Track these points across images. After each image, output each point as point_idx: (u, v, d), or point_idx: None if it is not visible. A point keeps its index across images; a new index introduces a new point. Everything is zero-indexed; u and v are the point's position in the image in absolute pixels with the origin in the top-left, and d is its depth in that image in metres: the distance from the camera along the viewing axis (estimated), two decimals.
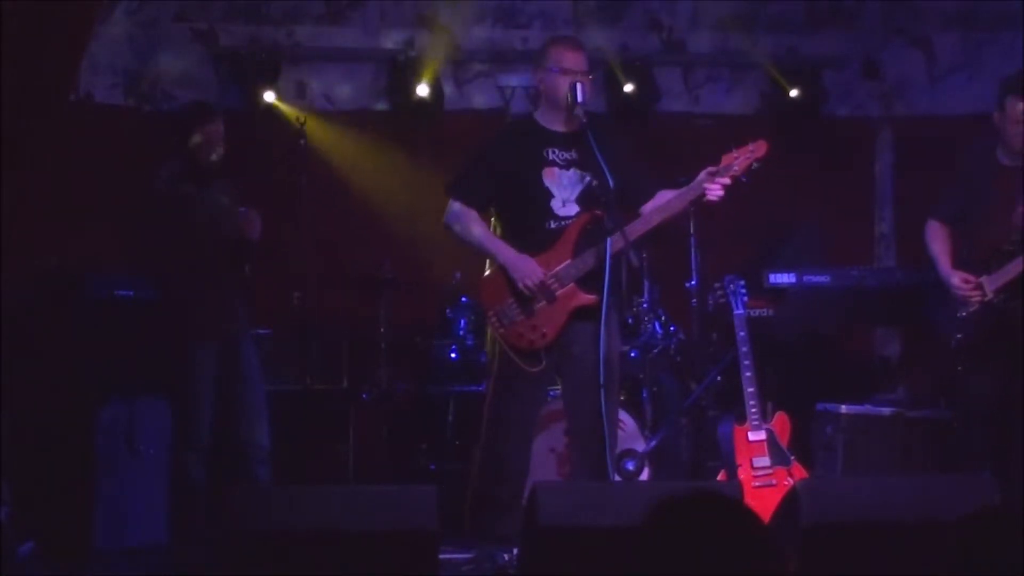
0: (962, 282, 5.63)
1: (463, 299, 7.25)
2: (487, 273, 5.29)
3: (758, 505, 5.36)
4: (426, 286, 7.41)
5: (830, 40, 8.61)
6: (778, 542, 2.09)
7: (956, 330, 5.65)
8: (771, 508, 4.50)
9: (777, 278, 6.99)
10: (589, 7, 8.38)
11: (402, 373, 7.55)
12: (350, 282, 7.58)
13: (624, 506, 4.01)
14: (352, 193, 8.10)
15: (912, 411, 6.58)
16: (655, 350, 6.89)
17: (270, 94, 7.93)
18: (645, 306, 6.83)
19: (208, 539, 4.60)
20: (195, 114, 5.73)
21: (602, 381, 5.00)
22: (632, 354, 6.76)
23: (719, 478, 5.98)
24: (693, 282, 6.70)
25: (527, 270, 5.13)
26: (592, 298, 5.12)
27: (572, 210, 5.19)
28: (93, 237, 7.31)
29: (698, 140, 7.85)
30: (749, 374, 5.91)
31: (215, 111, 5.75)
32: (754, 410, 5.87)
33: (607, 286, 5.03)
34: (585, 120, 5.14)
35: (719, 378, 6.71)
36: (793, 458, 5.86)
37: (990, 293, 5.58)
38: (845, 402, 6.70)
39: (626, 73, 8.23)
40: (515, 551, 4.88)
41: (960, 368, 5.69)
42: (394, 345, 7.38)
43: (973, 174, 5.76)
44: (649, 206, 5.25)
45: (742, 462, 5.83)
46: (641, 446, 6.47)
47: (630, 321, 6.81)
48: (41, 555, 5.72)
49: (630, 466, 6.37)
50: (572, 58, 5.25)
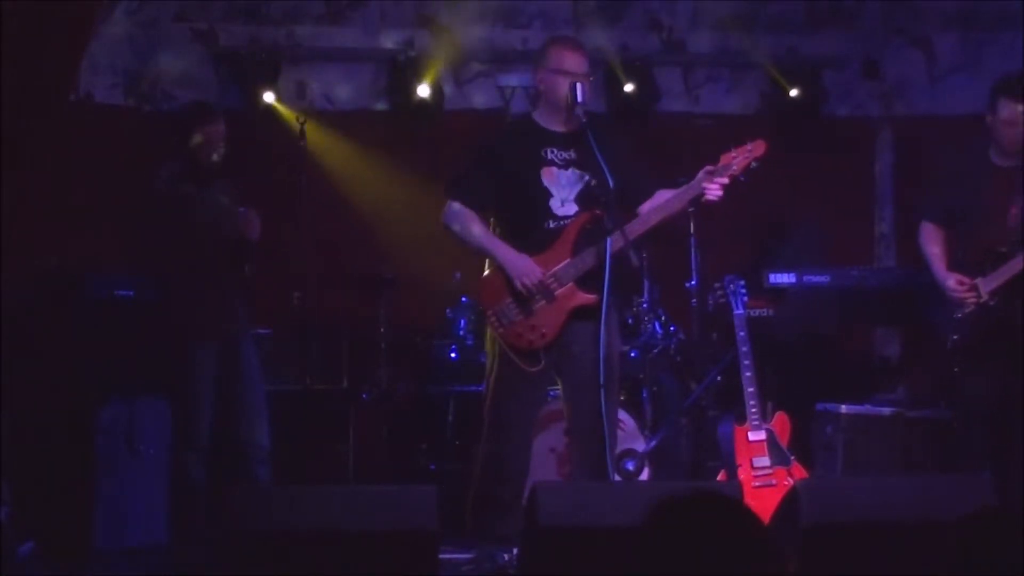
0: (957, 284, 5.63)
1: (463, 299, 7.25)
2: (486, 273, 5.29)
3: (758, 505, 5.36)
4: (426, 286, 7.40)
5: (830, 40, 8.60)
6: (778, 542, 2.09)
7: (952, 331, 5.65)
8: (771, 508, 4.50)
9: (777, 278, 6.99)
10: (589, 7, 8.38)
11: (402, 373, 7.54)
12: (350, 282, 7.57)
13: (624, 506, 4.01)
14: (352, 193, 8.10)
15: (912, 411, 6.58)
16: (655, 350, 6.89)
17: (270, 94, 7.93)
18: (645, 306, 6.82)
19: (208, 539, 4.60)
20: (196, 114, 5.73)
21: (602, 381, 5.00)
22: (632, 354, 6.76)
23: (719, 478, 5.98)
24: (693, 282, 6.71)
25: (525, 269, 5.12)
26: (591, 298, 5.11)
27: (571, 210, 5.19)
28: (93, 237, 7.31)
29: (698, 140, 7.85)
30: (749, 374, 5.91)
31: (216, 111, 5.75)
32: (754, 410, 5.87)
33: (607, 285, 5.02)
34: (585, 120, 5.14)
35: (719, 378, 6.71)
36: (793, 458, 5.86)
37: (985, 295, 5.57)
38: (845, 402, 6.69)
39: (626, 73, 8.22)
40: (515, 551, 4.88)
41: (956, 369, 5.70)
42: (394, 345, 7.38)
43: (967, 175, 5.76)
44: (648, 205, 5.24)
45: (742, 462, 5.83)
46: (641, 446, 6.47)
47: (630, 321, 6.81)
48: (41, 555, 5.72)
49: (630, 466, 6.37)
50: (573, 60, 5.24)
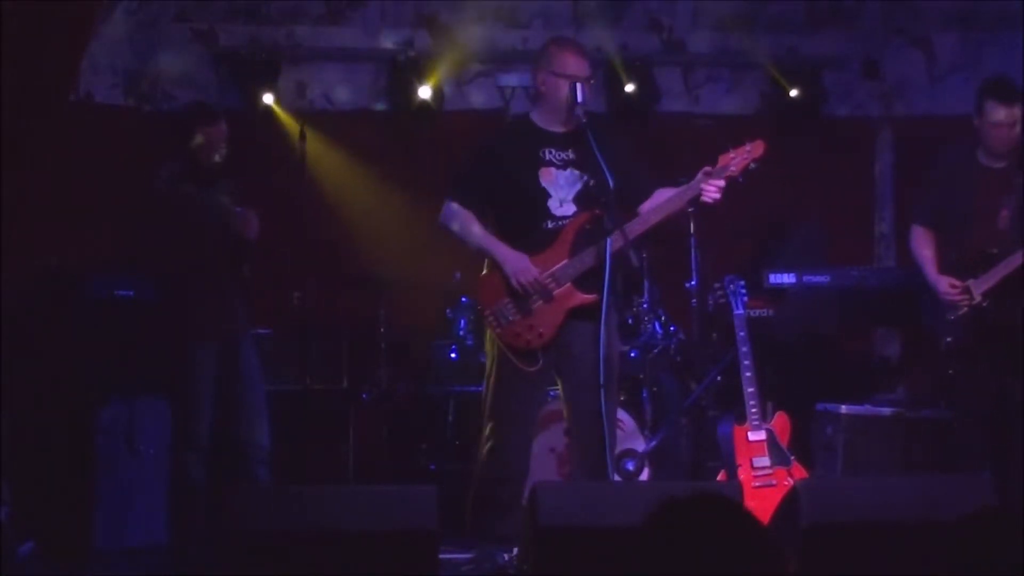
0: (950, 287, 5.65)
1: (463, 299, 7.25)
2: (484, 272, 5.29)
3: (758, 505, 5.36)
4: (426, 286, 7.40)
5: (830, 40, 8.60)
6: (778, 542, 2.09)
7: (946, 333, 5.67)
8: (771, 508, 4.50)
9: (777, 278, 6.99)
10: (589, 7, 8.38)
11: (402, 373, 7.55)
12: (350, 282, 7.57)
13: (624, 506, 4.01)
14: (352, 193, 8.10)
15: (912, 411, 6.58)
16: (655, 350, 6.89)
17: (269, 96, 7.93)
18: (645, 306, 6.82)
19: (208, 539, 4.61)
20: (197, 115, 5.73)
21: (602, 381, 5.00)
22: (632, 354, 6.76)
23: (719, 478, 5.97)
24: (693, 282, 6.71)
25: (521, 268, 5.12)
26: (590, 298, 5.11)
27: (569, 210, 5.18)
28: (93, 237, 7.31)
29: (698, 140, 7.85)
30: (749, 374, 5.90)
31: (217, 112, 5.75)
32: (754, 410, 5.87)
33: (607, 285, 5.02)
34: (585, 120, 5.13)
35: (719, 378, 6.71)
36: (793, 458, 5.86)
37: (978, 297, 5.59)
38: (845, 402, 6.69)
39: (626, 73, 8.22)
40: (515, 551, 4.88)
41: (951, 371, 5.71)
42: (394, 345, 7.39)
43: (955, 176, 5.78)
44: (647, 205, 5.24)
45: (742, 462, 5.83)
46: (641, 446, 6.46)
47: (630, 321, 6.81)
48: (41, 555, 5.72)
49: (630, 466, 6.37)
50: (574, 63, 5.22)
